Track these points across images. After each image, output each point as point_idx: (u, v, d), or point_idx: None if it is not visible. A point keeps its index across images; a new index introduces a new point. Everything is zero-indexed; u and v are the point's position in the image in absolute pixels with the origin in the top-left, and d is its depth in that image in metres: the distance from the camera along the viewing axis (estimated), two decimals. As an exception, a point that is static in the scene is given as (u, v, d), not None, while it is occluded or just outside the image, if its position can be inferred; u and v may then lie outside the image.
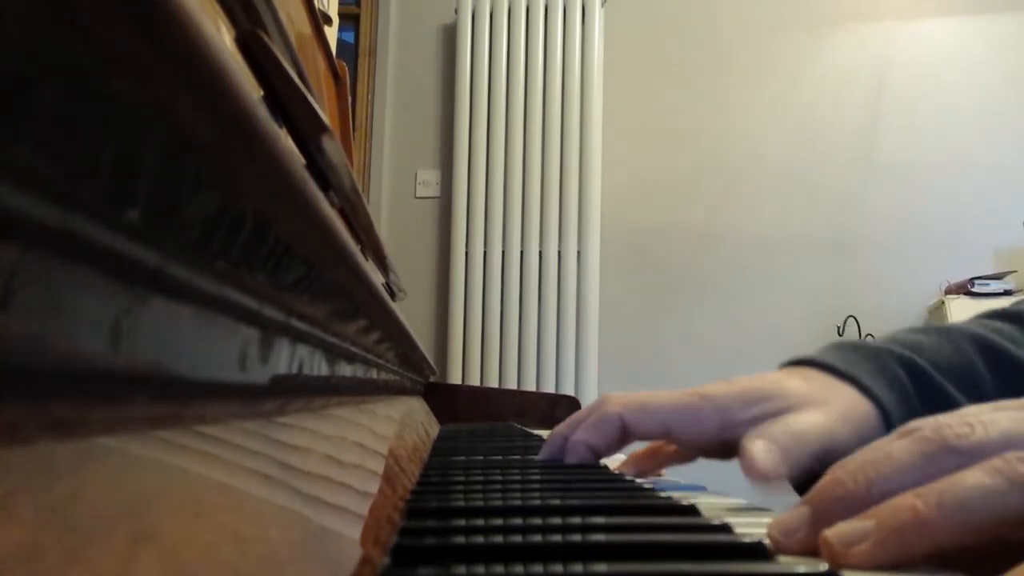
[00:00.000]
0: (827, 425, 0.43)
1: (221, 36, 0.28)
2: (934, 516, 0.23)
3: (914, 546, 0.24)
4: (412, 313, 2.62)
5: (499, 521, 0.29)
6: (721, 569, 0.24)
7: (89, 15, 0.10)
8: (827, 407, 0.45)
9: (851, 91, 2.68)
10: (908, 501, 0.24)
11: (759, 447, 0.41)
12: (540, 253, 2.62)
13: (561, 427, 0.53)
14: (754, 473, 0.40)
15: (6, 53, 0.09)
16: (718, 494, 0.42)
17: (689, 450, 0.50)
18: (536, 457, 0.53)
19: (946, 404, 0.47)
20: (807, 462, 0.42)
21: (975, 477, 0.24)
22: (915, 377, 0.49)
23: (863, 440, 0.44)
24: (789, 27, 2.73)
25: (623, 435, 0.48)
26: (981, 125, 2.61)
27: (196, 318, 0.16)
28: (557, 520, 0.30)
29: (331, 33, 1.51)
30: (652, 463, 0.52)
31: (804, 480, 0.43)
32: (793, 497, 0.38)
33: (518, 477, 0.46)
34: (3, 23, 0.08)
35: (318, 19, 0.90)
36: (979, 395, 0.49)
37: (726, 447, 0.46)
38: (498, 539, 0.26)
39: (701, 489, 0.44)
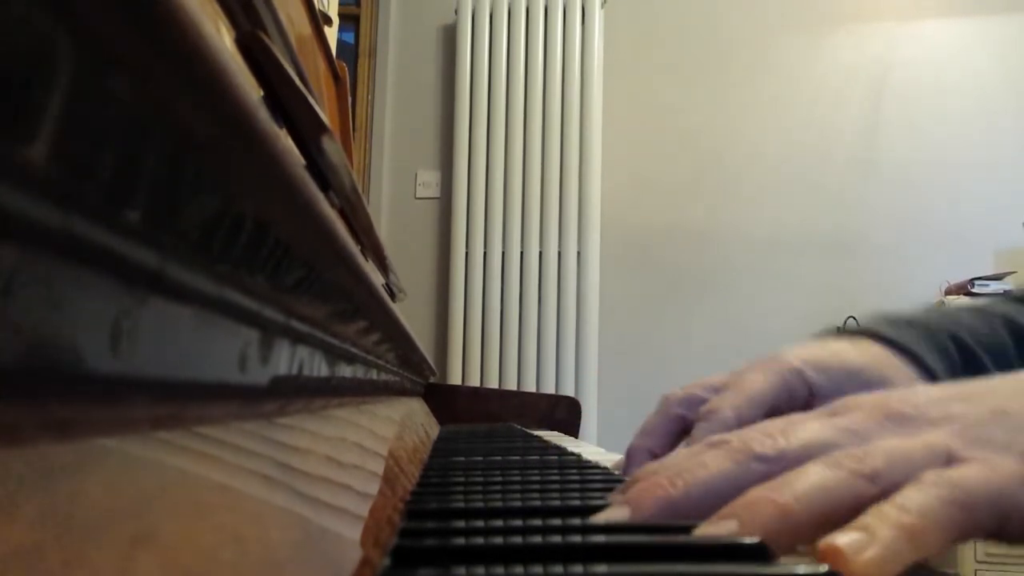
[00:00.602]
0: None
1: (221, 37, 0.28)
2: (794, 508, 0.25)
3: (779, 540, 0.25)
4: (412, 314, 2.62)
5: (499, 522, 0.29)
6: (721, 570, 0.24)
7: (89, 15, 0.10)
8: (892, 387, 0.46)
9: (851, 91, 2.68)
10: (764, 495, 0.26)
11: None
12: (540, 253, 2.62)
13: (639, 441, 0.49)
14: None
15: (7, 53, 0.09)
16: None
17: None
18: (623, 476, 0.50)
19: (984, 376, 0.49)
20: None
21: (817, 470, 0.26)
22: (962, 351, 0.50)
23: None
24: (789, 27, 2.73)
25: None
26: (981, 125, 2.61)
27: (196, 319, 0.16)
28: (557, 521, 0.30)
29: (331, 34, 1.51)
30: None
31: None
32: None
33: (518, 478, 0.46)
34: (4, 24, 0.08)
35: (318, 20, 0.90)
36: (1009, 371, 0.50)
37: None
38: (498, 540, 0.26)
39: None
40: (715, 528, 0.26)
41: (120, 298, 0.13)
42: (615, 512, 0.29)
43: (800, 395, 0.47)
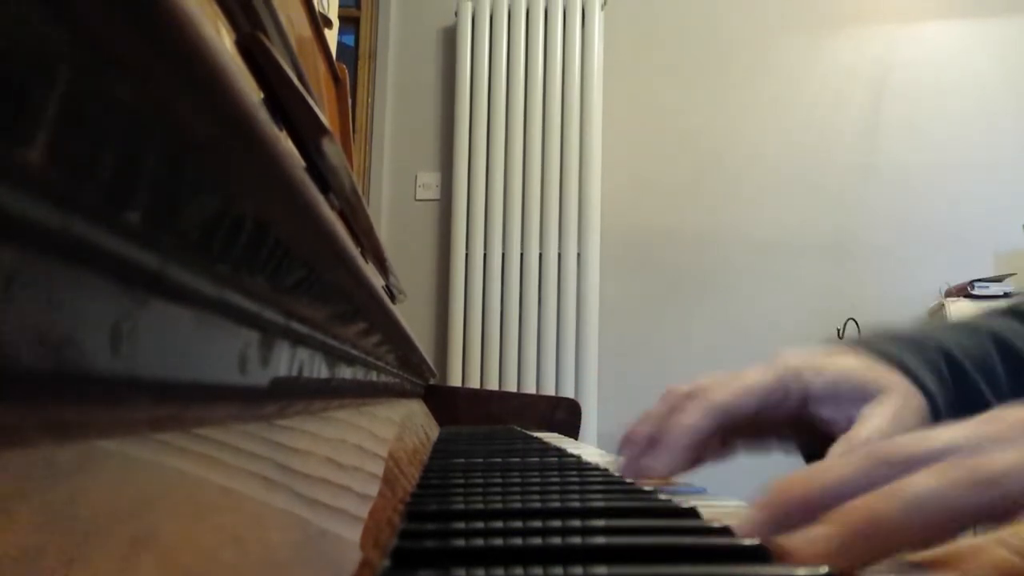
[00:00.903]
0: (897, 425, 0.45)
1: (221, 38, 0.28)
2: (891, 515, 0.24)
3: (877, 546, 0.24)
4: (412, 315, 2.62)
5: (499, 524, 0.29)
6: (721, 571, 0.24)
7: (89, 17, 0.10)
8: (894, 394, 0.46)
9: (851, 93, 2.68)
10: (863, 503, 0.25)
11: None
12: (540, 255, 2.62)
13: (638, 426, 0.49)
14: None
15: (7, 55, 0.09)
16: (718, 497, 0.42)
17: (751, 438, 0.50)
18: (618, 462, 0.49)
19: (976, 396, 0.50)
20: None
21: (922, 478, 0.25)
22: (952, 368, 0.50)
23: (919, 426, 0.46)
24: (789, 29, 2.74)
25: (726, 422, 0.48)
26: (981, 127, 2.61)
27: (196, 321, 0.16)
28: (557, 523, 0.30)
29: (331, 36, 1.51)
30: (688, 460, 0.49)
31: None
32: None
33: (518, 479, 0.46)
34: (4, 25, 0.08)
35: (318, 22, 0.90)
36: (998, 391, 0.51)
37: (798, 421, 0.48)
38: (498, 542, 0.26)
39: (701, 491, 0.44)
40: (811, 532, 0.25)
41: (120, 299, 0.13)
42: (750, 514, 0.27)
43: (794, 395, 0.47)
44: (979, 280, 2.35)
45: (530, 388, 2.56)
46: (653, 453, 0.48)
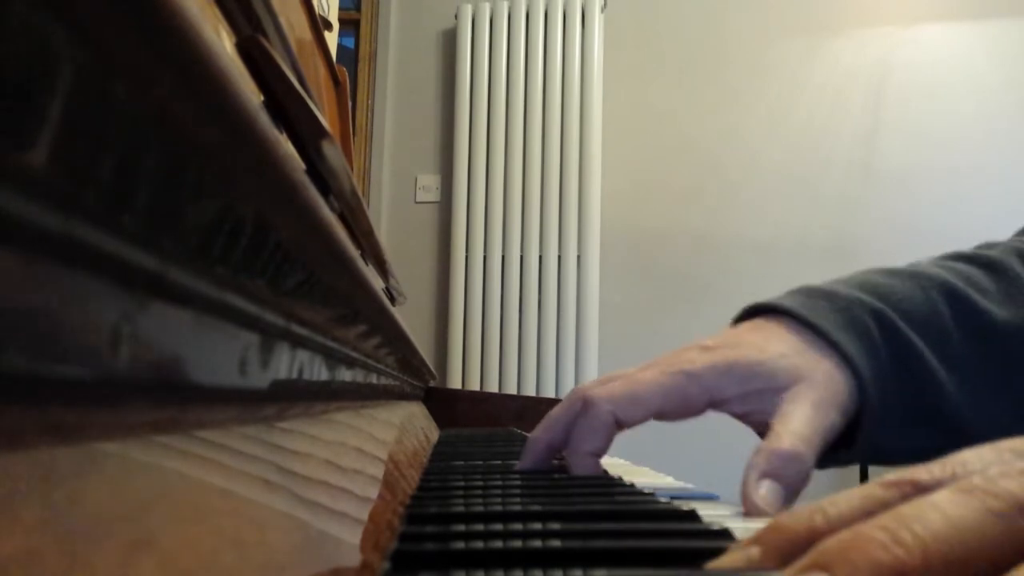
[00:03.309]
0: (818, 422, 0.43)
1: (222, 41, 0.28)
2: (907, 561, 0.18)
3: None
4: (412, 317, 2.62)
5: (499, 526, 0.29)
6: (721, 573, 0.24)
7: (90, 20, 0.10)
8: (811, 384, 0.44)
9: (851, 96, 2.68)
10: (873, 535, 0.18)
11: (761, 498, 0.40)
12: (540, 258, 2.62)
13: (538, 432, 0.50)
14: (757, 514, 0.39)
15: (9, 59, 0.09)
16: (730, 503, 0.42)
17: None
18: (518, 467, 0.51)
19: (912, 357, 0.47)
20: (811, 468, 0.42)
21: (945, 499, 0.19)
22: (884, 329, 0.47)
23: (844, 409, 0.45)
24: (789, 32, 2.74)
25: (615, 430, 0.47)
26: (981, 130, 2.61)
27: (196, 323, 0.16)
28: (557, 525, 0.30)
29: (331, 38, 1.51)
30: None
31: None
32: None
33: (518, 482, 0.46)
34: (6, 29, 0.08)
35: (318, 24, 0.90)
36: (946, 347, 0.48)
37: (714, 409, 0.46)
38: (498, 544, 0.26)
39: (714, 498, 0.44)
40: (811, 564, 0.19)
41: (120, 301, 0.13)
42: (742, 555, 0.22)
43: (697, 400, 0.46)
44: (979, 283, 2.35)
45: (530, 391, 2.55)
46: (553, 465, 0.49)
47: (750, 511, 0.39)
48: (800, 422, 0.43)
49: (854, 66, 2.70)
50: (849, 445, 0.47)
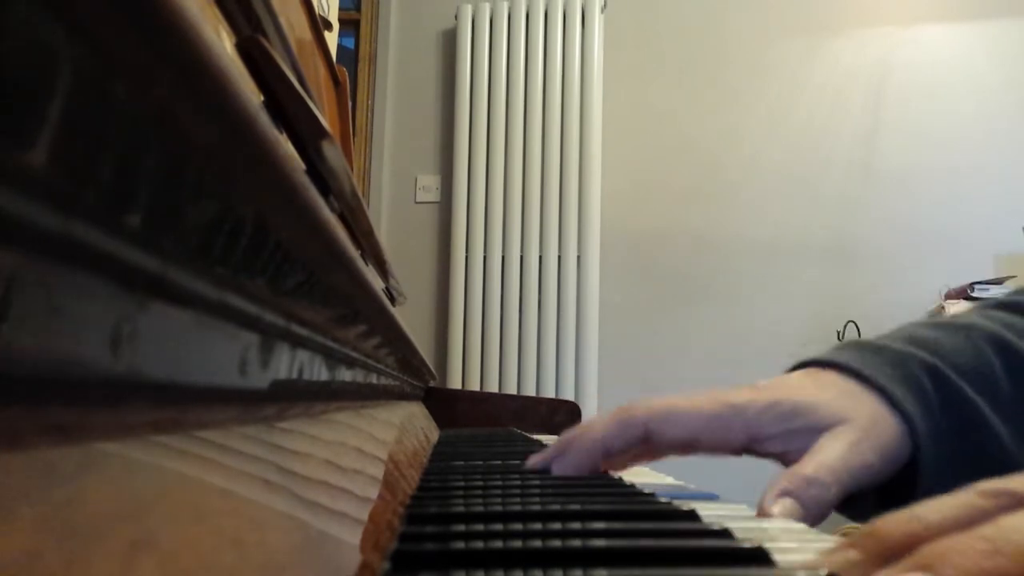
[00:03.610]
0: (845, 456, 0.42)
1: (222, 41, 0.28)
2: (1004, 569, 0.19)
3: None
4: (412, 318, 2.62)
5: (499, 526, 0.29)
6: (721, 574, 0.24)
7: (90, 20, 0.10)
8: (853, 426, 0.44)
9: (851, 96, 2.68)
10: (976, 544, 0.20)
11: (777, 514, 0.39)
12: (540, 258, 2.62)
13: (574, 430, 0.50)
14: None
15: (9, 59, 0.09)
16: (730, 503, 0.42)
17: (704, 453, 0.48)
18: (533, 459, 0.51)
19: (967, 410, 0.46)
20: (833, 499, 0.41)
21: None
22: (938, 384, 0.47)
23: (884, 454, 0.44)
24: (789, 32, 2.74)
25: (645, 442, 0.46)
26: (981, 130, 2.61)
27: (196, 323, 0.16)
28: (557, 525, 0.30)
29: (331, 38, 1.51)
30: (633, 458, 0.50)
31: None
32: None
33: (518, 482, 0.46)
34: (7, 29, 0.08)
35: (318, 24, 0.90)
36: (996, 398, 0.48)
37: (749, 453, 0.45)
38: (498, 544, 0.26)
39: (713, 497, 0.44)
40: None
41: (120, 302, 0.13)
42: (846, 556, 0.23)
43: (737, 434, 0.45)
44: (979, 283, 2.35)
45: (530, 391, 2.55)
46: (563, 456, 0.48)
47: None
48: (831, 455, 0.42)
49: (854, 66, 2.70)
50: (899, 498, 0.46)
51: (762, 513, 0.40)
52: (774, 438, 0.44)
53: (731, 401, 0.45)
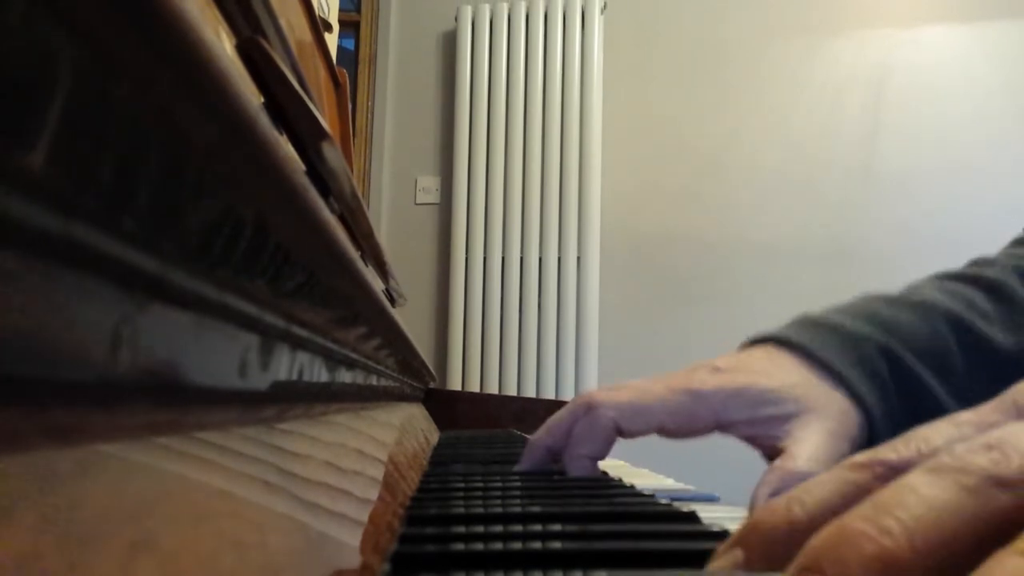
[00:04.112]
0: (833, 449, 0.43)
1: (222, 43, 0.28)
2: (900, 548, 0.18)
3: None
4: (412, 319, 2.62)
5: (499, 528, 0.29)
6: (721, 576, 0.24)
7: (90, 21, 0.10)
8: (823, 421, 0.44)
9: (850, 98, 2.68)
10: (857, 527, 0.18)
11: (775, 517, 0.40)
12: (540, 259, 2.62)
13: (540, 434, 0.51)
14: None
15: (9, 60, 0.09)
16: (731, 505, 0.42)
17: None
18: (516, 468, 0.52)
19: (922, 392, 0.47)
20: None
21: (920, 481, 0.19)
22: (892, 367, 0.47)
23: (853, 443, 0.44)
24: (788, 34, 2.74)
25: (614, 437, 0.48)
26: (981, 132, 2.61)
27: (196, 324, 0.16)
28: (557, 527, 0.30)
29: (331, 40, 1.51)
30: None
31: None
32: None
33: (518, 484, 0.46)
34: (7, 30, 0.08)
35: (318, 26, 0.90)
36: (952, 377, 0.48)
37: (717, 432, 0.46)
38: (498, 546, 0.26)
39: (714, 499, 0.44)
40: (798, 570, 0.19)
41: (120, 303, 0.13)
42: (729, 557, 0.22)
43: (704, 420, 0.46)
44: (979, 284, 2.35)
45: (530, 392, 2.55)
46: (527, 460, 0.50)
47: None
48: (816, 447, 0.43)
49: (854, 67, 2.70)
50: None
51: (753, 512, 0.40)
52: (741, 424, 0.45)
53: (694, 388, 0.46)
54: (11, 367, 0.10)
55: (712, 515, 0.34)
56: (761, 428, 0.45)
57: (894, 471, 0.21)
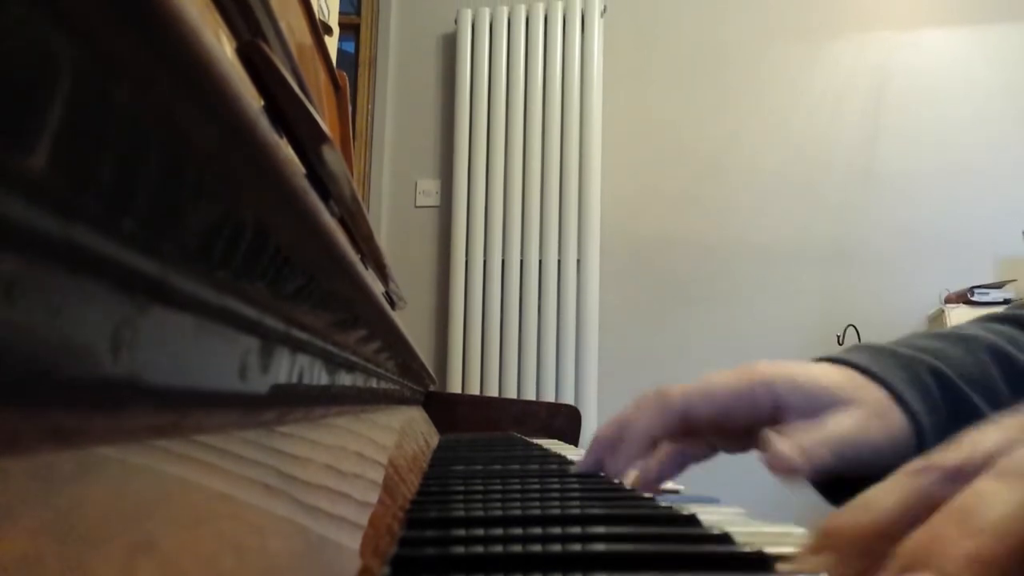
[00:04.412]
0: (856, 429, 0.44)
1: (222, 46, 0.28)
2: (991, 547, 0.20)
3: None
4: (412, 322, 2.62)
5: (499, 531, 0.29)
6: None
7: (92, 24, 0.10)
8: (864, 408, 0.46)
9: (850, 101, 2.69)
10: (950, 531, 0.21)
11: (784, 445, 0.41)
12: (540, 262, 2.62)
13: (607, 430, 0.51)
14: (774, 466, 0.41)
15: (11, 63, 0.09)
16: (731, 507, 0.42)
17: (729, 439, 0.49)
18: (575, 466, 0.52)
19: (971, 412, 0.48)
20: (829, 462, 0.43)
21: (991, 487, 0.21)
22: (944, 387, 0.49)
23: (894, 443, 0.46)
24: (788, 37, 2.74)
25: (684, 422, 0.48)
26: (980, 134, 2.62)
27: (196, 328, 0.16)
28: (556, 530, 0.30)
29: (331, 43, 1.52)
30: (672, 467, 0.51)
31: (827, 480, 0.45)
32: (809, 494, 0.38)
33: (518, 487, 0.46)
34: (9, 33, 0.08)
35: (318, 29, 0.91)
36: (996, 403, 0.49)
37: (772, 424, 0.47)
38: (498, 549, 0.26)
39: (714, 502, 0.44)
40: None
41: (121, 307, 0.13)
42: (819, 563, 0.24)
43: (764, 407, 0.46)
44: (979, 286, 2.35)
45: (530, 395, 2.55)
46: (614, 455, 0.50)
47: (767, 461, 0.41)
48: (834, 425, 0.44)
49: (854, 71, 2.70)
50: None
51: (767, 446, 0.42)
52: (798, 411, 0.46)
53: (758, 372, 0.47)
54: (12, 369, 0.10)
55: (711, 518, 0.34)
56: (815, 417, 0.46)
57: (950, 474, 0.24)
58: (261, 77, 0.30)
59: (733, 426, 0.48)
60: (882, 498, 0.24)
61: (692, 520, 0.33)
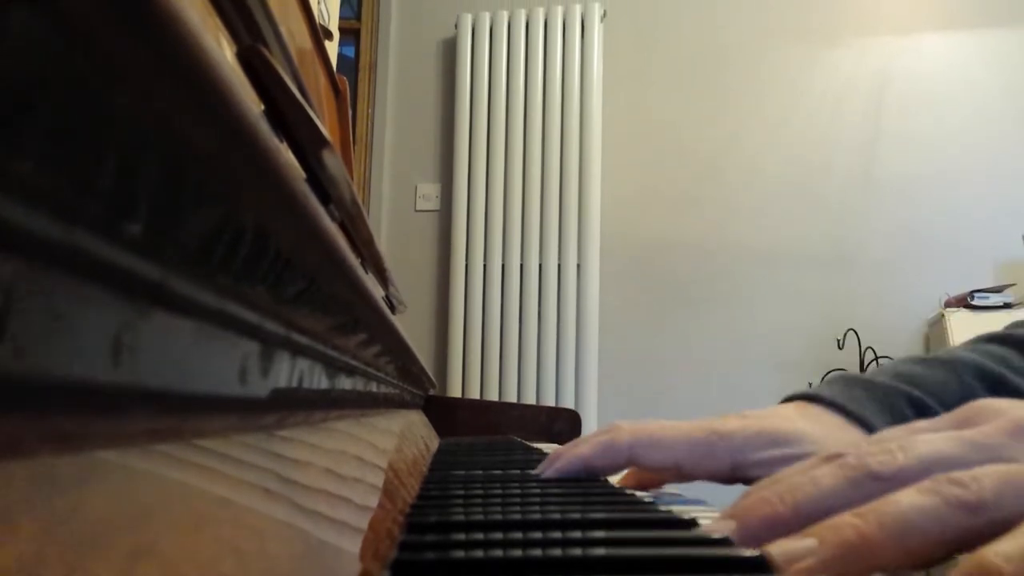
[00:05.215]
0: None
1: (222, 50, 0.28)
2: (876, 535, 0.24)
3: (856, 566, 0.24)
4: (412, 326, 2.62)
5: (499, 535, 0.29)
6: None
7: (90, 28, 0.10)
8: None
9: (850, 105, 2.69)
10: (849, 520, 0.24)
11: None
12: (540, 266, 2.62)
13: (567, 446, 0.51)
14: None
15: (9, 67, 0.09)
16: (717, 508, 0.42)
17: (687, 479, 0.49)
18: (534, 472, 0.52)
19: None
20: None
21: (910, 498, 0.25)
22: (921, 414, 0.48)
23: None
24: (788, 41, 2.75)
25: (628, 464, 0.47)
26: (980, 138, 2.62)
27: (196, 332, 0.16)
28: (557, 534, 0.30)
29: (332, 47, 1.52)
30: (653, 480, 0.51)
31: None
32: None
33: (518, 491, 0.46)
34: (7, 38, 0.08)
35: (319, 34, 0.91)
36: None
37: (735, 481, 0.46)
38: (498, 553, 0.26)
39: (700, 503, 0.44)
40: (792, 545, 0.25)
41: (121, 311, 0.13)
42: (720, 526, 0.28)
43: (722, 458, 0.45)
44: (979, 290, 2.35)
45: (530, 399, 2.55)
46: (548, 469, 0.50)
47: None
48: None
49: (854, 74, 2.71)
50: None
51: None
52: (759, 465, 0.45)
53: (716, 428, 0.46)
54: (12, 374, 0.10)
55: (704, 521, 0.34)
56: (776, 467, 0.45)
57: (880, 479, 0.27)
58: (261, 81, 0.31)
59: (686, 474, 0.47)
60: (813, 487, 0.28)
61: (692, 524, 0.33)
